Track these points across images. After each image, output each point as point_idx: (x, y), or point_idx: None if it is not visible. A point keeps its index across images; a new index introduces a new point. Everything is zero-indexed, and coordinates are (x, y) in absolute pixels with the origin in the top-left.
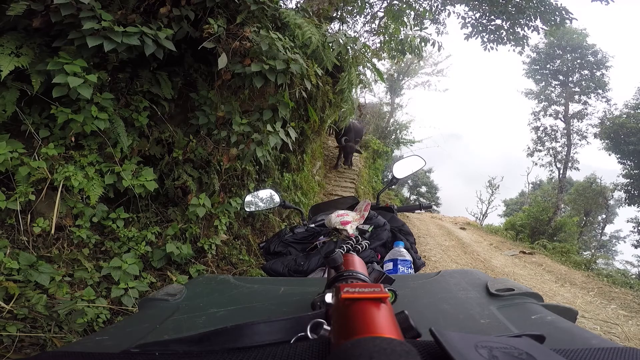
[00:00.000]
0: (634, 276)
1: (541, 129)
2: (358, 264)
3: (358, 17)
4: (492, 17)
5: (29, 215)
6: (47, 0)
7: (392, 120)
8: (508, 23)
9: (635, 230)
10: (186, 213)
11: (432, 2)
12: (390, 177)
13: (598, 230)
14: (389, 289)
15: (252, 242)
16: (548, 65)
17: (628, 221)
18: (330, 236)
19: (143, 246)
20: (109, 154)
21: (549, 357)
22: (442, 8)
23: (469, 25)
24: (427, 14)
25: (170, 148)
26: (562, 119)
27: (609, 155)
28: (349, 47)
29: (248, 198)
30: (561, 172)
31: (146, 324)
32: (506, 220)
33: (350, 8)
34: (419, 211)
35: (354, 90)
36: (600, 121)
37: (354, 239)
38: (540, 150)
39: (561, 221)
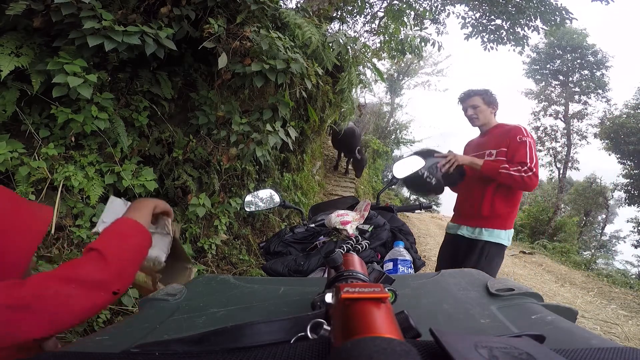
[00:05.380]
0: (634, 276)
1: (541, 128)
2: (358, 264)
3: (358, 17)
4: (492, 17)
5: None
6: (48, 0)
7: (392, 120)
8: (508, 23)
9: (635, 230)
10: (186, 213)
11: (432, 2)
12: (390, 177)
13: (598, 230)
14: (389, 289)
15: (252, 242)
16: (548, 65)
17: (628, 221)
18: (330, 236)
19: None
20: (109, 154)
21: (549, 357)
22: (442, 8)
23: (469, 25)
24: (427, 14)
25: (170, 148)
26: (562, 119)
27: (609, 155)
28: (349, 47)
29: (248, 198)
30: (561, 172)
31: (146, 324)
32: None
33: (350, 8)
34: (419, 211)
35: (354, 90)
36: (600, 121)
37: (354, 239)
38: (540, 150)
39: (561, 221)
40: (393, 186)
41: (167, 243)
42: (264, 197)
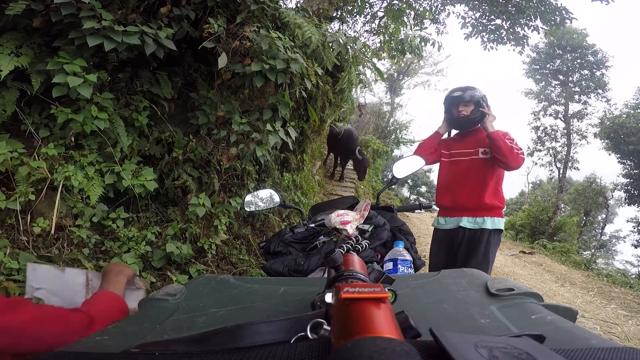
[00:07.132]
0: (633, 276)
1: (541, 128)
2: (358, 264)
3: (358, 17)
4: (492, 16)
5: (29, 215)
6: (47, 0)
7: (392, 120)
8: (508, 23)
9: (635, 230)
10: (186, 213)
11: (432, 2)
12: (390, 176)
13: (598, 230)
14: (389, 289)
15: (252, 242)
16: (548, 65)
17: (628, 221)
18: (330, 236)
19: (143, 246)
20: (109, 154)
21: (549, 357)
22: (442, 8)
23: (469, 25)
24: (427, 13)
25: (170, 148)
26: (562, 118)
27: (609, 155)
28: (349, 47)
29: (248, 198)
30: (561, 171)
31: (146, 324)
32: (506, 220)
33: (350, 8)
34: (419, 211)
35: (354, 90)
36: (600, 121)
37: (354, 239)
38: (540, 150)
39: (561, 221)
40: (393, 186)
41: (140, 295)
42: (264, 197)
